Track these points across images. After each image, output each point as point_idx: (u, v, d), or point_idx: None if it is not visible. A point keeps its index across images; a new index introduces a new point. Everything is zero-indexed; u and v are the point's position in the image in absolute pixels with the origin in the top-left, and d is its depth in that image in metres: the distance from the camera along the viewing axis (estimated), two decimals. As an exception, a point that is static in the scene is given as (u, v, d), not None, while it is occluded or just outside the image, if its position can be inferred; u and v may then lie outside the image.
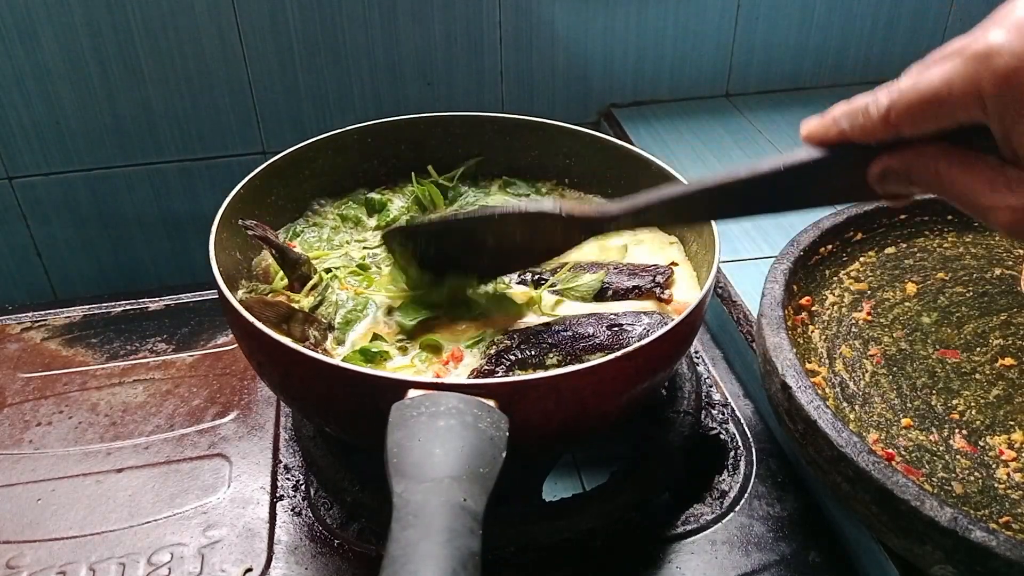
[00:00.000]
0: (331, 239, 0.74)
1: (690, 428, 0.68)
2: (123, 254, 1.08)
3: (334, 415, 0.58)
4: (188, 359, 0.79)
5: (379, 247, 0.72)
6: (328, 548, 0.61)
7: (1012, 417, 0.58)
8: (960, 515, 0.46)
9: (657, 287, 0.65)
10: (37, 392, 0.76)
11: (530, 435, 0.53)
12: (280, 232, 0.74)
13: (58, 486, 0.66)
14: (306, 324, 0.62)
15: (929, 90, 0.39)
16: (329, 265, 0.69)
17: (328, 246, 0.73)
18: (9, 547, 0.61)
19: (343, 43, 0.99)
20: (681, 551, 0.61)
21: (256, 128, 1.03)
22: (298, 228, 0.75)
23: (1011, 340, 0.64)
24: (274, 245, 0.66)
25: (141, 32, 0.94)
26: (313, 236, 0.74)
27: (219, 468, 0.68)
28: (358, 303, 0.65)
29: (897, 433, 0.57)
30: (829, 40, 1.12)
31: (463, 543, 0.38)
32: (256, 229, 0.65)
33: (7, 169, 0.99)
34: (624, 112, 1.11)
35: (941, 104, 0.38)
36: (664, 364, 0.58)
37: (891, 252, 0.74)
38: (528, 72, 1.06)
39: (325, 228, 0.75)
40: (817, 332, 0.66)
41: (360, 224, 0.76)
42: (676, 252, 0.72)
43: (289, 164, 0.74)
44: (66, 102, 0.96)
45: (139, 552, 0.60)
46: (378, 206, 0.77)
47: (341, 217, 0.76)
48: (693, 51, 1.10)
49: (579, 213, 0.57)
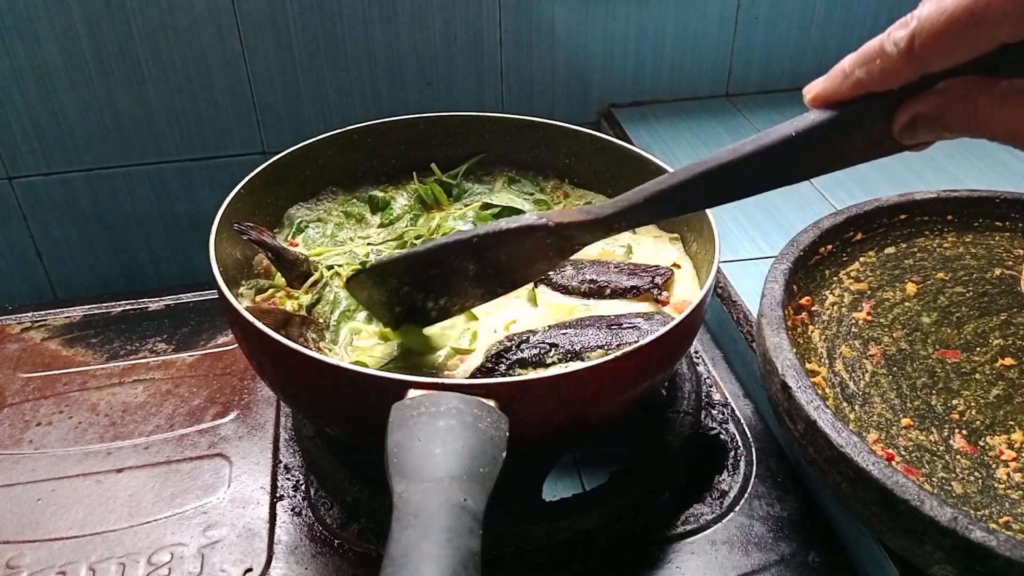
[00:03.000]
0: (335, 235, 0.74)
1: (690, 428, 0.68)
2: (123, 254, 1.08)
3: (334, 415, 0.58)
4: (188, 359, 0.79)
5: (383, 244, 0.72)
6: (328, 548, 0.61)
7: (1012, 417, 0.58)
8: (960, 515, 0.46)
9: (655, 288, 0.65)
10: (37, 392, 0.76)
11: (530, 435, 0.53)
12: (284, 229, 0.75)
13: (58, 486, 0.66)
14: (303, 327, 0.63)
15: (961, 7, 0.34)
16: (331, 262, 0.69)
17: (332, 243, 0.73)
18: (9, 547, 0.61)
19: (343, 43, 0.99)
20: (681, 551, 0.61)
21: (256, 128, 1.03)
22: (301, 225, 0.75)
23: (1011, 340, 0.64)
24: (269, 247, 0.66)
25: (141, 32, 0.94)
26: (317, 233, 0.74)
27: (219, 468, 0.68)
28: (352, 302, 0.65)
29: (897, 433, 0.57)
30: (829, 40, 1.12)
31: (463, 543, 0.38)
32: (251, 232, 0.65)
33: (7, 169, 0.99)
34: (624, 112, 1.11)
35: (979, 22, 0.33)
36: (664, 364, 0.58)
37: (891, 252, 0.74)
38: (528, 72, 1.06)
39: (329, 224, 0.75)
40: (817, 332, 0.66)
41: (364, 221, 0.76)
42: (677, 252, 0.72)
43: (289, 164, 0.74)
44: (66, 102, 0.96)
45: (139, 552, 0.60)
46: (382, 203, 0.77)
47: (345, 214, 0.77)
48: (693, 51, 1.10)
49: (568, 220, 0.52)
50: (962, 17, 0.34)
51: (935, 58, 0.36)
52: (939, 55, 0.36)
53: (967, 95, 0.36)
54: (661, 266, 0.68)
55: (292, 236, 0.74)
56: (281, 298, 0.67)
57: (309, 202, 0.77)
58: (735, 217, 0.90)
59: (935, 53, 0.35)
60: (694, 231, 0.70)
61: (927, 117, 0.38)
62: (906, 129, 0.39)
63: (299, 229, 0.74)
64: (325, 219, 0.76)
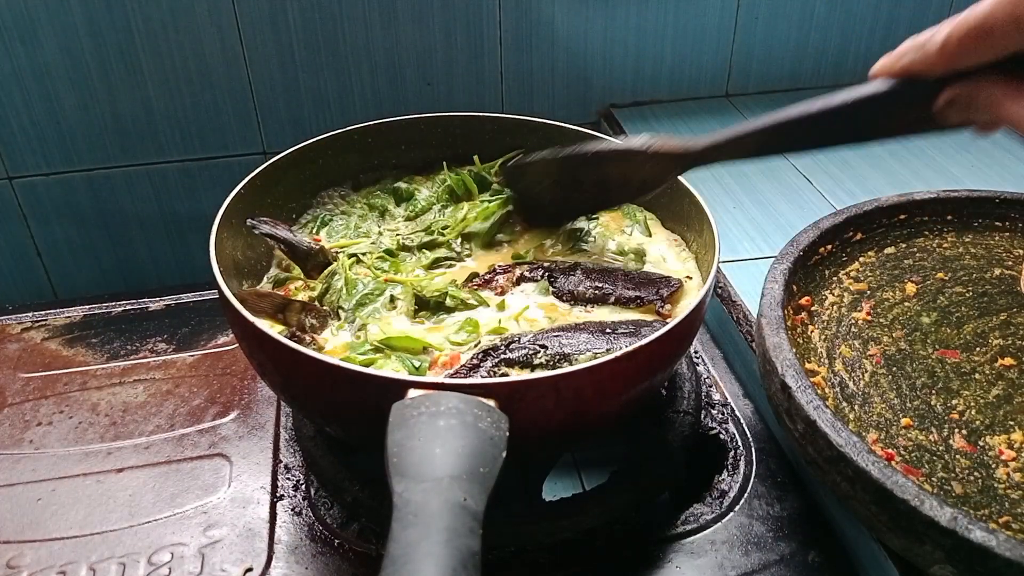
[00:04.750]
0: (358, 227, 0.75)
1: (690, 428, 0.68)
2: (123, 254, 1.08)
3: (334, 415, 0.58)
4: (188, 359, 0.79)
5: (412, 234, 0.73)
6: (328, 548, 0.61)
7: (1012, 417, 0.58)
8: (960, 515, 0.46)
9: (659, 300, 0.65)
10: (37, 392, 0.76)
11: (530, 435, 0.53)
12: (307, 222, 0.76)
13: (58, 486, 0.66)
14: (303, 313, 0.63)
15: (976, 20, 0.42)
16: (355, 251, 0.70)
17: (356, 235, 0.74)
18: (9, 547, 0.61)
19: (343, 43, 0.99)
20: (681, 551, 0.61)
21: (256, 128, 1.03)
22: (325, 218, 0.76)
23: (1011, 340, 0.64)
24: (281, 239, 0.67)
25: (141, 32, 0.94)
26: (342, 225, 0.75)
27: (219, 468, 0.68)
28: (377, 288, 0.65)
29: (897, 433, 0.58)
30: (829, 40, 1.13)
31: (463, 543, 0.38)
32: (262, 226, 0.66)
33: (7, 169, 0.99)
34: (624, 112, 1.11)
35: (988, 34, 0.42)
36: (664, 364, 0.58)
37: (891, 252, 0.74)
38: (528, 72, 1.06)
39: (352, 217, 0.76)
40: (817, 332, 0.66)
41: (388, 213, 0.77)
42: (693, 266, 0.71)
43: (289, 164, 0.74)
44: (66, 102, 0.96)
45: (139, 552, 0.60)
46: (405, 195, 0.78)
47: (369, 206, 0.77)
48: (693, 51, 1.10)
49: (665, 149, 0.62)
50: (976, 28, 0.42)
51: (960, 59, 0.44)
52: (962, 57, 0.44)
53: (990, 88, 0.44)
54: (672, 278, 0.67)
55: (316, 231, 0.74)
56: (297, 288, 0.67)
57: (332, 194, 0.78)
58: (735, 217, 0.90)
59: (959, 55, 0.44)
60: (694, 231, 0.70)
61: (960, 100, 0.45)
62: (943, 109, 0.46)
63: (323, 222, 0.75)
64: (349, 212, 0.77)
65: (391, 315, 0.64)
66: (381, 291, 0.65)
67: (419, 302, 0.64)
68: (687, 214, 0.71)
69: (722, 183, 0.95)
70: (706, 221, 0.66)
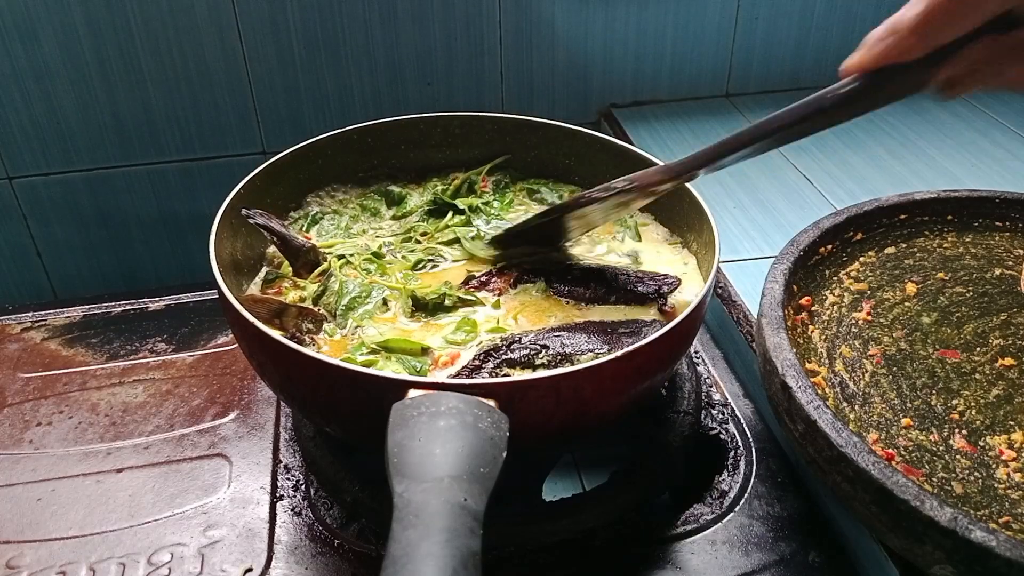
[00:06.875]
0: (349, 227, 0.75)
1: (690, 428, 0.68)
2: (123, 254, 1.08)
3: (334, 415, 0.58)
4: (188, 359, 0.79)
5: (392, 237, 0.73)
6: (328, 548, 0.61)
7: (1012, 417, 0.58)
8: (960, 515, 0.46)
9: (660, 297, 0.65)
10: (37, 392, 0.76)
11: (530, 435, 0.53)
12: (299, 220, 0.76)
13: (58, 486, 0.66)
14: (299, 318, 0.63)
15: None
16: (343, 252, 0.70)
17: (345, 235, 0.74)
18: (9, 547, 0.61)
19: (343, 43, 0.99)
20: (681, 551, 0.61)
21: (256, 128, 1.03)
22: (316, 216, 0.76)
23: (1011, 340, 0.64)
24: (275, 232, 0.67)
25: (141, 32, 0.94)
26: (332, 224, 0.75)
27: (219, 468, 0.68)
28: (364, 290, 0.65)
29: (897, 433, 0.57)
30: (829, 40, 1.13)
31: (464, 543, 0.38)
32: (258, 217, 0.66)
33: (7, 169, 0.99)
34: (624, 112, 1.11)
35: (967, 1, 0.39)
36: (664, 364, 0.58)
37: (891, 252, 0.74)
38: (528, 72, 1.06)
39: (344, 217, 0.76)
40: (817, 332, 0.66)
41: (378, 215, 0.77)
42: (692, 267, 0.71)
43: (289, 164, 0.74)
44: (66, 102, 0.96)
45: (139, 552, 0.60)
46: (397, 198, 0.78)
47: (361, 207, 0.78)
48: (693, 51, 1.10)
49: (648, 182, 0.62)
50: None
51: (940, 32, 0.41)
52: (943, 30, 0.40)
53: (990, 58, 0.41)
54: (670, 275, 0.68)
55: (306, 228, 0.74)
56: (286, 288, 0.67)
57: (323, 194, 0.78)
58: (735, 217, 0.90)
59: (937, 29, 0.40)
60: (694, 231, 0.70)
61: (958, 79, 0.43)
62: (944, 89, 0.44)
63: (314, 220, 0.75)
64: (340, 211, 0.77)
65: (386, 317, 0.64)
66: (368, 292, 0.65)
67: (416, 303, 0.64)
68: (687, 214, 0.71)
69: (722, 183, 0.95)
70: (706, 221, 0.66)
